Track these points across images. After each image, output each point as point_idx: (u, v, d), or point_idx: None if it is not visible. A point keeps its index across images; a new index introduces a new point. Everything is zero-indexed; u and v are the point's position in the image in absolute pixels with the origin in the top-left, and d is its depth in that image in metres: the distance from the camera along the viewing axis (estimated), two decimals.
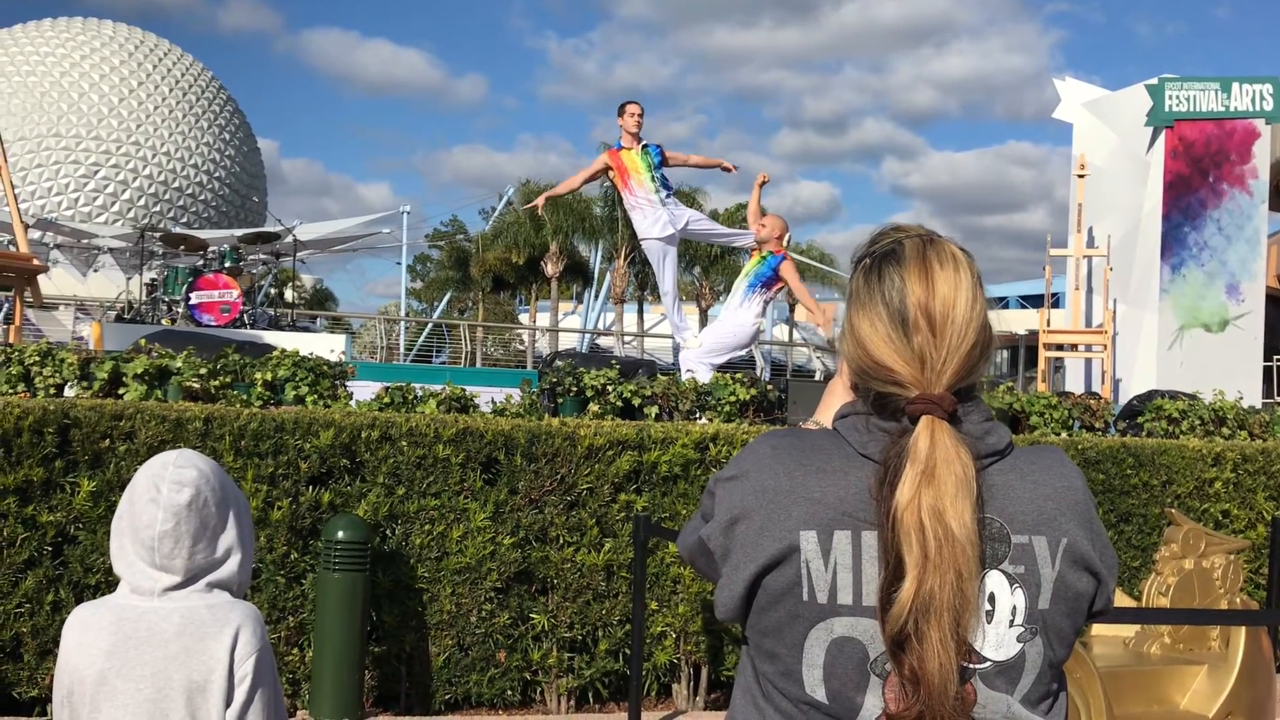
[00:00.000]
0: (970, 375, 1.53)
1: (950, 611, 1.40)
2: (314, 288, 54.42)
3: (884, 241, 1.61)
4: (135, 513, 2.29)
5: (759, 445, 1.58)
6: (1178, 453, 7.33)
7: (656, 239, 9.41)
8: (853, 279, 1.62)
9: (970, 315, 1.52)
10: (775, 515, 1.50)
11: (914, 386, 1.50)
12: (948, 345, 1.50)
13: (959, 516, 1.41)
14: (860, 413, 1.56)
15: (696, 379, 7.76)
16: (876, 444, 1.51)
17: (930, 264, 1.54)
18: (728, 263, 36.58)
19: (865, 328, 1.55)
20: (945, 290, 1.52)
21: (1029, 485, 1.53)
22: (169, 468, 2.30)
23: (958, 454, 1.45)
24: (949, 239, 1.60)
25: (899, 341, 1.51)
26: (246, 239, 19.96)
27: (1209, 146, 14.84)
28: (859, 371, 1.56)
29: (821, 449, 1.55)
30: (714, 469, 6.13)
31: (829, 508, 1.48)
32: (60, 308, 24.60)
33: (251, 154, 55.36)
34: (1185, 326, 14.74)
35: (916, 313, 1.51)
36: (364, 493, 5.52)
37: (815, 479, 1.51)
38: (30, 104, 47.23)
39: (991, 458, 1.52)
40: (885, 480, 1.46)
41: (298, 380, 6.38)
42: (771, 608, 1.50)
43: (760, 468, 1.55)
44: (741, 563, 1.51)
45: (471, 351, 33.07)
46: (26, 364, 6.17)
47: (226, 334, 13.58)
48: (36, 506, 5.05)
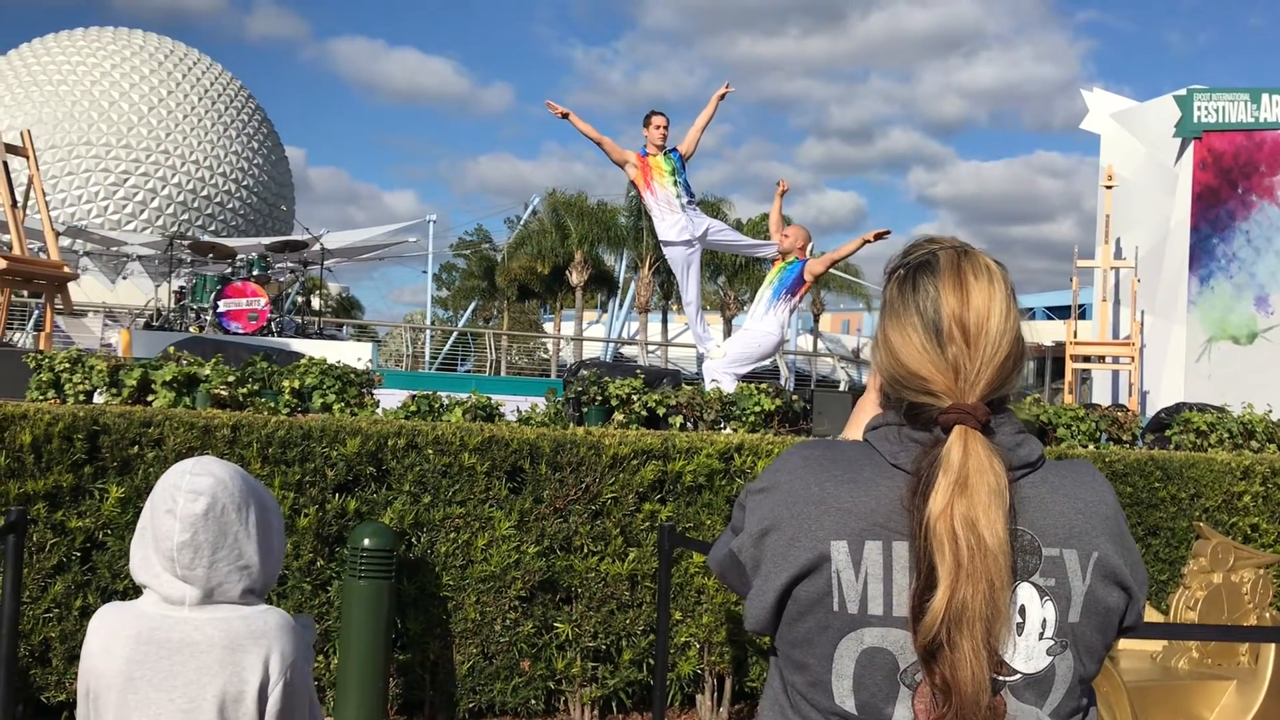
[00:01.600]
0: (1003, 387, 1.53)
1: (982, 622, 1.40)
2: (340, 296, 54.66)
3: (918, 252, 1.61)
4: (155, 525, 2.29)
5: (790, 456, 1.59)
6: (1206, 466, 7.28)
7: (676, 243, 9.39)
8: (886, 289, 1.62)
9: (1004, 327, 1.52)
10: (806, 525, 1.50)
11: (947, 396, 1.50)
12: (982, 356, 1.51)
13: (992, 527, 1.41)
14: (891, 423, 1.56)
15: (721, 389, 7.75)
16: (908, 454, 1.51)
17: (965, 275, 1.54)
18: (752, 272, 36.54)
19: (899, 338, 1.55)
20: (980, 302, 1.52)
21: (1060, 498, 1.53)
22: (185, 477, 2.29)
23: (991, 464, 1.45)
24: (982, 251, 1.61)
25: (933, 352, 1.52)
26: (274, 247, 20.09)
27: (1238, 158, 14.75)
28: (891, 381, 1.57)
29: (852, 459, 1.55)
30: (739, 479, 6.12)
31: (860, 518, 1.48)
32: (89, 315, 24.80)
33: (279, 162, 55.68)
34: (1213, 339, 14.64)
35: (951, 323, 1.51)
36: (390, 500, 5.55)
37: (846, 489, 1.51)
38: (61, 112, 47.64)
39: (1023, 469, 1.52)
40: (918, 490, 1.46)
41: (325, 388, 6.41)
42: (802, 618, 1.50)
43: (791, 479, 1.55)
44: (772, 573, 1.52)
45: (496, 360, 33.16)
46: (57, 371, 6.22)
47: (254, 342, 13.67)
48: (65, 512, 5.09)
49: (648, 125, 9.34)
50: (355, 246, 31.79)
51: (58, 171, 45.66)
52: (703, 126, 9.60)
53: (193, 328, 16.27)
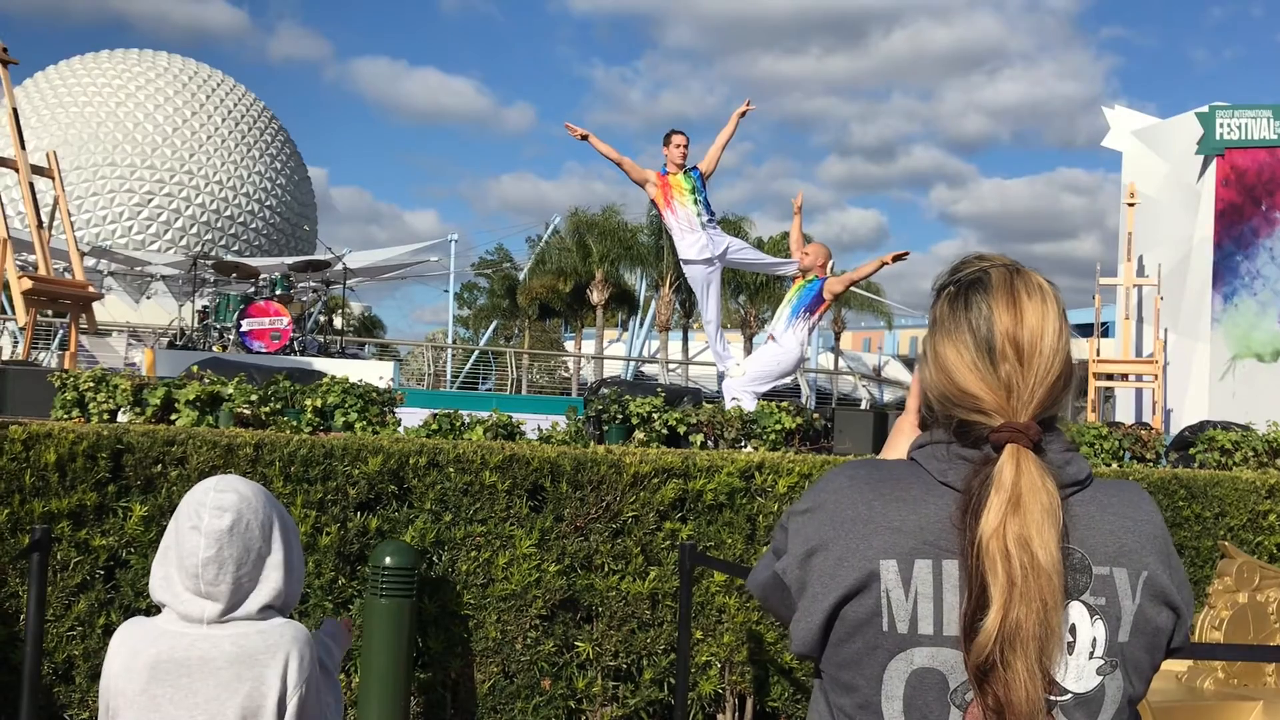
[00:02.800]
0: (1054, 406, 1.53)
1: (1036, 641, 1.39)
2: (362, 315, 54.89)
3: (968, 269, 1.60)
4: (180, 541, 2.31)
5: (835, 476, 1.58)
6: (1231, 484, 7.22)
7: (696, 262, 9.38)
8: (936, 306, 1.62)
9: (1057, 346, 1.52)
10: (854, 545, 1.49)
11: (998, 415, 1.50)
12: (1035, 375, 1.50)
13: (1045, 545, 1.41)
14: (939, 441, 1.55)
15: (742, 407, 7.75)
16: (957, 472, 1.50)
17: (1018, 293, 1.54)
18: (773, 290, 36.54)
19: (951, 355, 1.54)
20: (1033, 320, 1.52)
21: (1110, 517, 1.52)
22: (210, 494, 2.32)
23: (1043, 483, 1.44)
24: (1034, 270, 1.61)
25: (985, 369, 1.51)
26: (297, 267, 20.19)
27: (1261, 174, 14.68)
28: (941, 398, 1.56)
29: (900, 478, 1.54)
30: (759, 498, 6.11)
31: (909, 536, 1.48)
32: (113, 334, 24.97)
33: (302, 182, 56.04)
34: (1238, 356, 14.55)
35: (1004, 341, 1.51)
36: (411, 519, 5.56)
37: (895, 507, 1.50)
38: (87, 134, 48.11)
39: (1073, 488, 1.51)
40: (969, 508, 1.45)
41: (347, 407, 6.44)
42: (850, 639, 1.49)
43: (838, 498, 1.54)
44: (819, 593, 1.50)
45: (517, 379, 33.21)
46: (81, 390, 6.27)
47: (275, 361, 13.73)
48: (89, 530, 5.12)
49: (668, 144, 9.35)
50: (377, 266, 31.96)
51: (83, 192, 46.08)
52: (723, 145, 9.60)
53: (216, 347, 16.36)
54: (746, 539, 6.07)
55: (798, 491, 6.17)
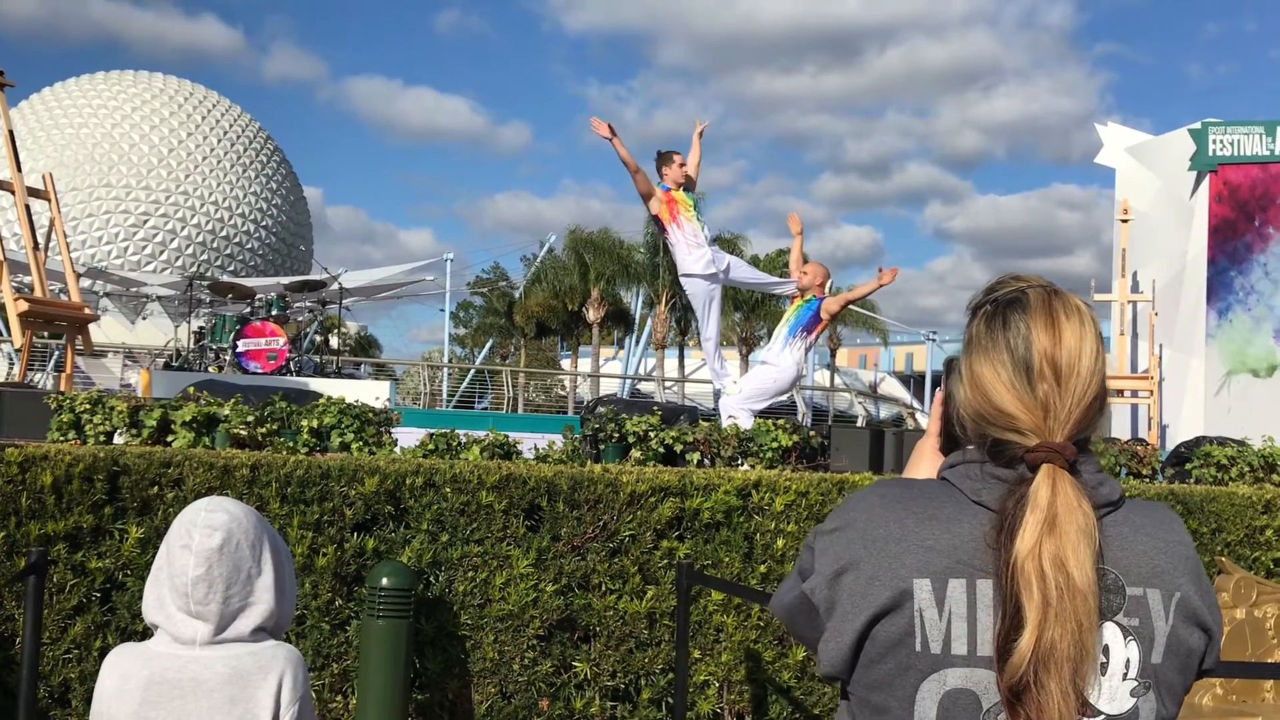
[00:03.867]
0: (1088, 428, 1.53)
1: (1070, 663, 1.39)
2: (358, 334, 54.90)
3: (1005, 289, 1.61)
4: (171, 561, 2.32)
5: (866, 495, 1.58)
6: (1227, 500, 7.23)
7: (700, 276, 9.36)
8: (971, 325, 1.61)
9: (1094, 367, 1.52)
10: (886, 563, 1.48)
11: (1034, 434, 1.50)
12: (1072, 396, 1.50)
13: (1081, 566, 1.41)
14: (972, 460, 1.55)
15: (738, 425, 7.75)
16: (991, 492, 1.50)
17: (1057, 314, 1.54)
18: (770, 307, 36.61)
19: (987, 374, 1.54)
20: (1071, 341, 1.52)
21: (1142, 538, 1.52)
22: (200, 513, 2.34)
23: (1079, 503, 1.44)
24: (1070, 292, 1.61)
25: (1022, 389, 1.51)
26: (293, 287, 20.21)
27: (1254, 190, 14.74)
28: (976, 417, 1.56)
29: (932, 496, 1.54)
30: (756, 516, 6.11)
31: (943, 555, 1.47)
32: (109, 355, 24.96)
33: (298, 202, 56.10)
34: (1232, 372, 14.57)
35: (1042, 361, 1.51)
36: (408, 539, 5.55)
37: (928, 526, 1.50)
38: (82, 155, 48.17)
39: (1106, 508, 1.51)
40: (1004, 528, 1.45)
41: (343, 427, 6.44)
42: (881, 659, 1.49)
43: (869, 516, 1.53)
44: (850, 613, 1.50)
45: (514, 397, 33.20)
46: (78, 412, 6.27)
47: (271, 382, 13.73)
48: (85, 553, 5.11)
49: (669, 163, 9.34)
50: (373, 285, 31.99)
51: (78, 213, 46.11)
52: (697, 164, 9.66)
53: (212, 368, 16.35)
54: (744, 557, 6.07)
55: (795, 510, 6.17)
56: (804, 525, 6.19)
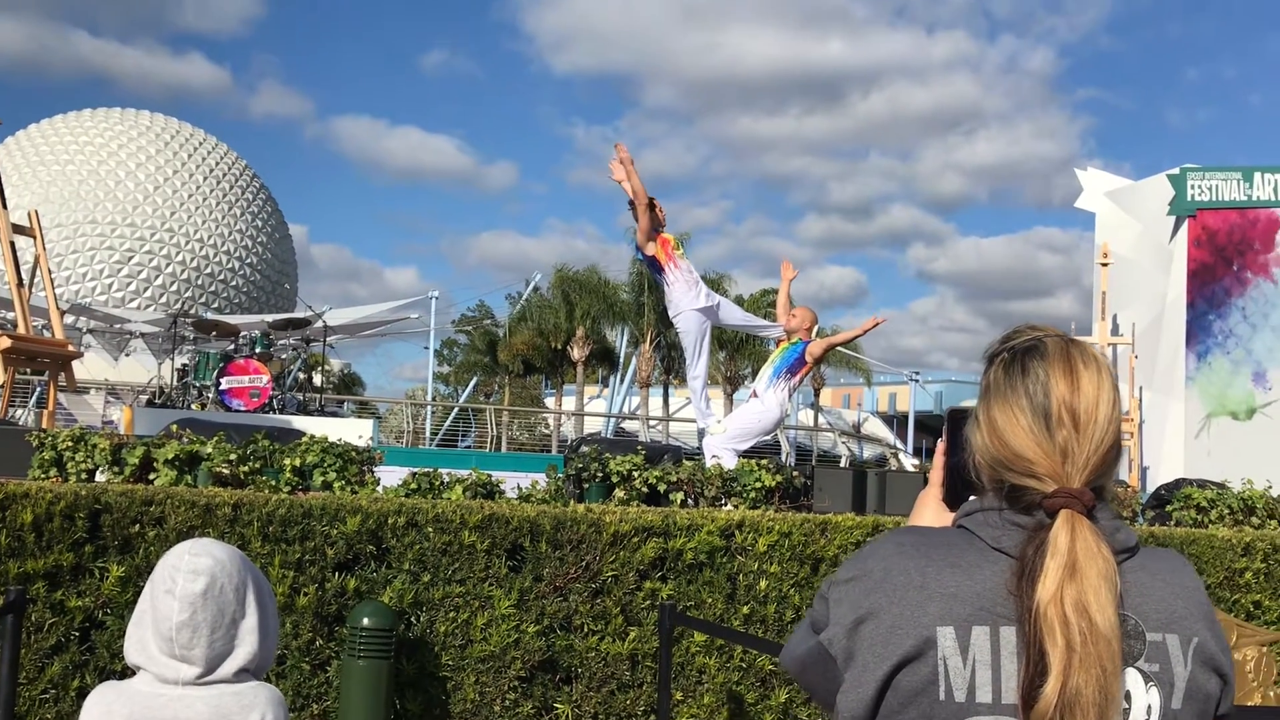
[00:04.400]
0: (1105, 475, 1.54)
1: (1095, 708, 1.40)
2: (342, 372, 54.77)
3: (1022, 338, 1.62)
4: (155, 606, 2.32)
5: (883, 544, 1.58)
6: (1207, 542, 7.27)
7: (697, 310, 9.40)
8: (988, 373, 1.63)
9: (1111, 415, 1.54)
10: (908, 612, 1.48)
11: (1052, 480, 1.51)
12: (1090, 442, 1.52)
13: (1103, 611, 1.41)
14: (990, 508, 1.56)
15: (722, 465, 7.77)
16: (1010, 538, 1.50)
17: (1075, 362, 1.56)
18: (754, 347, 36.69)
19: (1006, 420, 1.55)
20: (1089, 389, 1.54)
21: (1159, 584, 1.53)
22: (184, 558, 2.34)
23: (1099, 548, 1.45)
24: (1087, 341, 1.63)
25: (1041, 434, 1.52)
26: (277, 325, 20.21)
27: (1232, 235, 14.89)
28: (994, 463, 1.56)
29: (951, 544, 1.54)
30: (739, 557, 6.12)
31: (965, 603, 1.47)
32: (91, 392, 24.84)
33: (283, 240, 56.12)
34: (1212, 414, 14.66)
35: (1060, 408, 1.52)
36: (389, 579, 5.54)
37: (949, 574, 1.50)
38: (68, 191, 48.15)
39: (1124, 554, 1.52)
40: (1024, 574, 1.45)
41: (326, 466, 6.43)
42: (904, 709, 1.48)
43: (887, 565, 1.54)
44: (871, 662, 1.49)
45: (497, 436, 33.13)
46: (59, 449, 6.25)
47: (255, 420, 13.69)
48: (65, 591, 5.09)
49: (652, 208, 9.40)
50: (358, 323, 31.97)
51: (63, 250, 46.03)
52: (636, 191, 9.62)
53: (195, 405, 16.30)
54: (727, 598, 6.07)
55: (778, 550, 6.18)
56: (787, 566, 6.20)
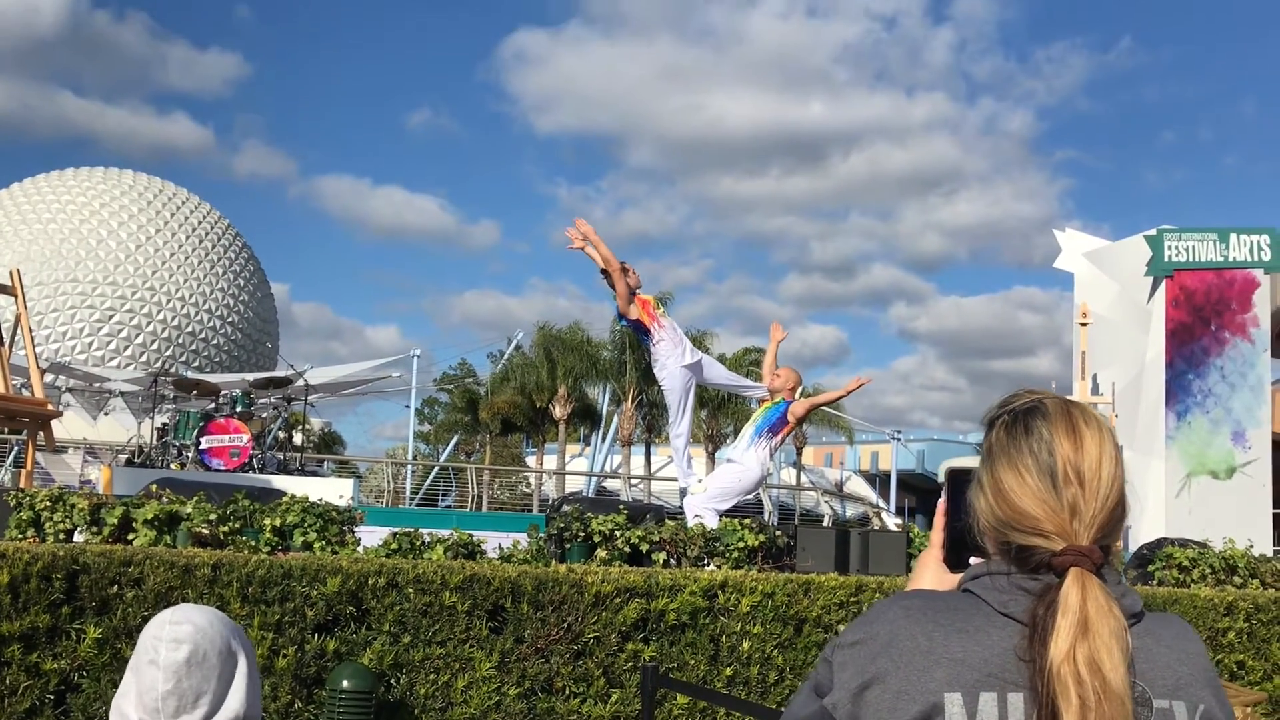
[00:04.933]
0: (1112, 534, 1.54)
1: None
2: (322, 431, 54.54)
3: (1021, 400, 1.63)
4: (139, 677, 2.31)
5: (887, 607, 1.57)
6: (1190, 602, 7.27)
7: (683, 366, 9.39)
8: (990, 435, 1.63)
9: (1115, 474, 1.55)
10: (915, 677, 1.47)
11: (1060, 538, 1.50)
12: (1097, 499, 1.52)
13: (1115, 669, 1.40)
14: (997, 572, 1.55)
15: (704, 524, 7.75)
16: (1018, 604, 1.50)
17: (1077, 422, 1.57)
18: (736, 406, 36.72)
19: (1011, 479, 1.55)
20: (1093, 448, 1.55)
21: (1164, 650, 1.53)
22: (165, 627, 2.32)
23: (1110, 607, 1.45)
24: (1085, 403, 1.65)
25: (1048, 493, 1.52)
26: (258, 384, 20.15)
27: (1209, 295, 15.04)
28: (1000, 524, 1.56)
29: (958, 609, 1.53)
30: (722, 618, 6.09)
31: (973, 668, 1.46)
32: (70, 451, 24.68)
33: (265, 299, 56.08)
34: (1193, 473, 14.72)
35: (1066, 467, 1.53)
36: (369, 641, 5.50)
37: (956, 639, 1.49)
38: (49, 250, 48.09)
39: (1130, 619, 1.51)
40: (1036, 634, 1.44)
41: (306, 526, 6.40)
42: None
43: (893, 629, 1.52)
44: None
45: (478, 495, 32.98)
46: (37, 509, 6.20)
47: (235, 479, 13.62)
48: (41, 654, 5.03)
49: (628, 273, 9.42)
50: (339, 382, 31.88)
51: (43, 308, 45.89)
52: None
53: (174, 464, 16.21)
54: (710, 659, 6.03)
55: (761, 611, 6.16)
56: (770, 627, 6.17)
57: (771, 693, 6.15)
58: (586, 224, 9.28)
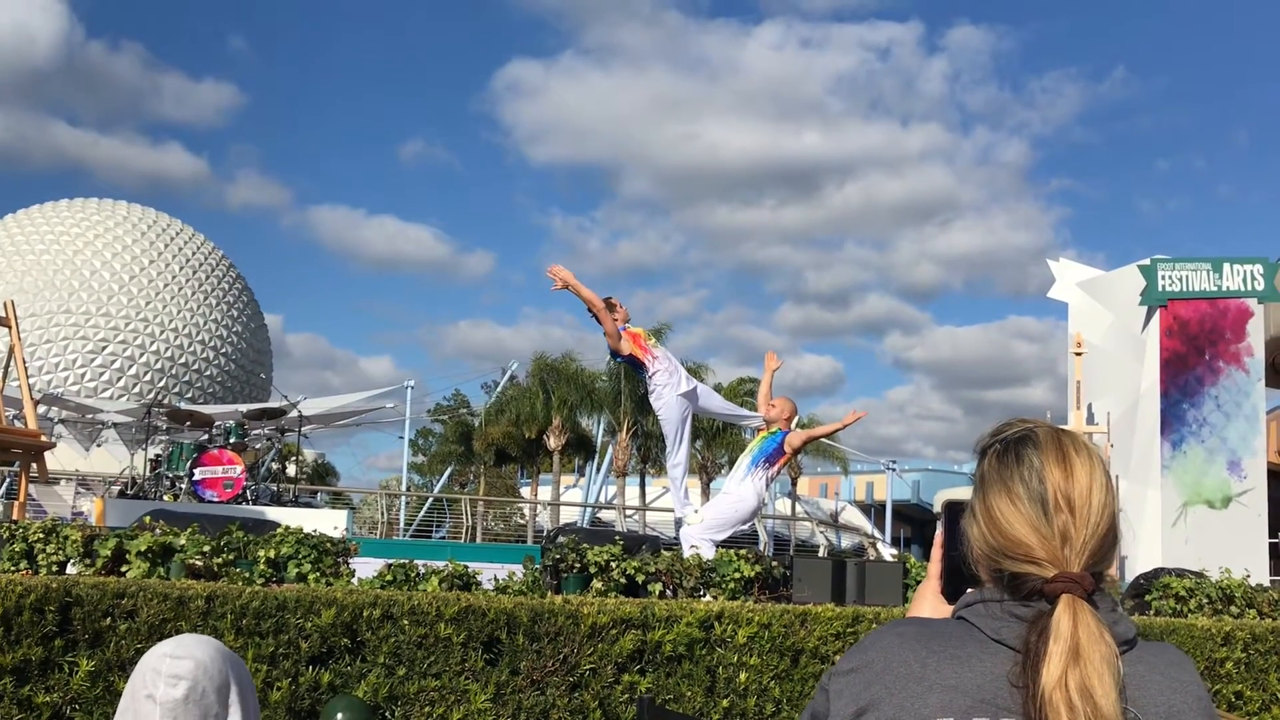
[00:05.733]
0: (1103, 560, 1.55)
1: None
2: (316, 462, 54.40)
3: (1013, 430, 1.64)
4: (137, 711, 2.28)
5: (883, 634, 1.58)
6: (1187, 632, 7.25)
7: (679, 395, 9.37)
8: (982, 464, 1.64)
9: (1105, 501, 1.56)
10: (908, 703, 1.48)
11: (1051, 565, 1.51)
12: (1088, 526, 1.53)
13: (1107, 696, 1.41)
14: (990, 599, 1.56)
15: (700, 555, 7.72)
16: (1011, 630, 1.51)
17: (1067, 450, 1.58)
18: (731, 436, 36.70)
19: (1003, 507, 1.56)
20: (1083, 476, 1.55)
21: (1158, 678, 1.53)
22: (165, 661, 2.29)
23: (1101, 633, 1.45)
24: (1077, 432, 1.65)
25: (1039, 520, 1.53)
26: (252, 415, 20.10)
27: (1203, 325, 15.07)
28: (992, 552, 1.57)
29: (952, 635, 1.54)
30: (719, 649, 6.06)
31: (966, 695, 1.47)
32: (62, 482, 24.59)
33: (259, 330, 56.08)
34: (1189, 503, 14.71)
35: (1056, 494, 1.54)
36: (364, 673, 5.46)
37: (950, 666, 1.50)
38: (43, 281, 48.10)
39: (1123, 646, 1.52)
40: (1028, 662, 1.45)
41: (300, 558, 6.37)
42: None
43: (887, 656, 1.53)
44: None
45: (472, 526, 32.87)
46: (30, 541, 6.17)
47: (228, 511, 13.56)
48: (33, 687, 4.98)
49: (613, 309, 9.41)
50: (333, 413, 31.84)
51: (36, 339, 45.86)
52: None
53: (168, 496, 16.15)
54: (706, 691, 6.00)
55: (758, 642, 6.13)
56: (767, 658, 6.14)
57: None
58: (563, 270, 9.29)
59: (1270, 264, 15.25)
